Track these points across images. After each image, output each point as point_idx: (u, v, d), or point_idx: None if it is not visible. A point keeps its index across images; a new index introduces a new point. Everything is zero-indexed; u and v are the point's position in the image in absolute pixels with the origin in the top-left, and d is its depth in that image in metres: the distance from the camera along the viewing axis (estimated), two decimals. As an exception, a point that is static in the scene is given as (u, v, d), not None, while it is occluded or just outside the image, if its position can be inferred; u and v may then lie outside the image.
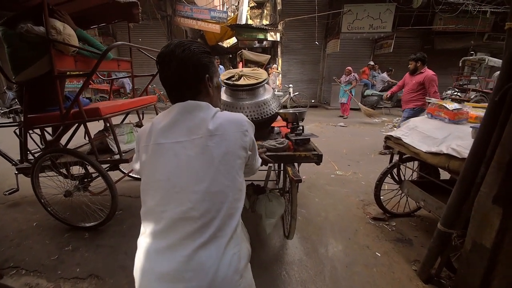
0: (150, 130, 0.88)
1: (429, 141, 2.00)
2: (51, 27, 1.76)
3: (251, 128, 0.95)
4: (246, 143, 0.91)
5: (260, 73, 2.26)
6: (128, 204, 2.83)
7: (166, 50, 0.87)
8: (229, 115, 0.92)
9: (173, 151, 0.83)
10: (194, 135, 0.84)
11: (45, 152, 2.12)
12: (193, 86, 0.90)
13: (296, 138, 1.90)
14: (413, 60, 4.18)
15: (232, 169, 0.85)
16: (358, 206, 2.73)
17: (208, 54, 0.92)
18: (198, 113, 0.87)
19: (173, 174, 0.82)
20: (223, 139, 0.84)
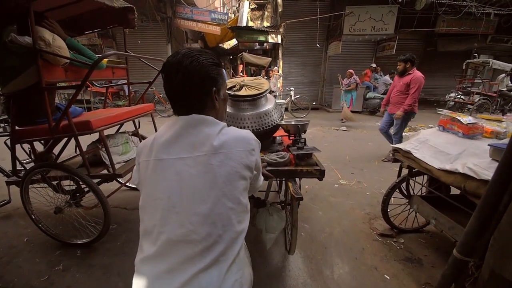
0: (152, 144, 0.84)
1: (441, 157, 1.88)
2: (39, 38, 1.64)
3: (258, 147, 0.91)
4: (252, 163, 0.87)
5: (262, 83, 2.19)
6: (124, 217, 2.71)
7: (173, 60, 0.82)
8: (236, 132, 0.87)
9: (175, 168, 0.79)
10: (198, 152, 0.80)
11: (33, 167, 2.00)
12: (199, 99, 0.85)
13: (298, 153, 1.82)
14: (402, 61, 4.08)
15: (236, 191, 0.81)
16: (364, 221, 2.61)
17: (217, 66, 0.87)
18: (203, 128, 0.83)
19: (174, 192, 0.78)
20: (227, 157, 0.80)
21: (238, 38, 9.90)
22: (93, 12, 2.40)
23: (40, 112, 1.91)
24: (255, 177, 0.97)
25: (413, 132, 6.47)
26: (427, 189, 2.32)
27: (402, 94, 4.14)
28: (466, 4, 8.91)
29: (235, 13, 12.02)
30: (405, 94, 4.09)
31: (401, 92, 4.13)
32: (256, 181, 1.02)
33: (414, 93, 3.93)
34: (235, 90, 2.04)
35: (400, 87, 4.15)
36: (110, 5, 2.13)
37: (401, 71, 4.13)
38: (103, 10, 2.32)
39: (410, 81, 3.96)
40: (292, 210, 1.98)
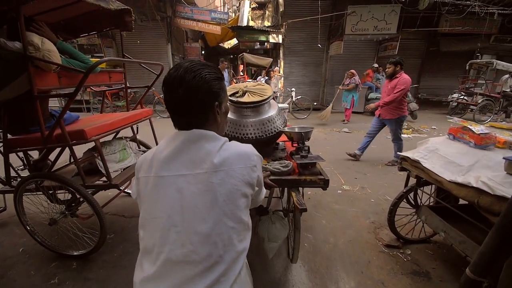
0: (152, 160, 0.83)
1: (452, 168, 1.80)
2: (28, 43, 1.55)
3: (259, 162, 0.90)
4: (253, 179, 0.85)
5: (265, 89, 2.14)
6: (121, 225, 2.63)
7: (175, 74, 0.79)
8: (237, 147, 0.86)
9: (175, 185, 0.78)
10: (198, 169, 0.79)
11: (26, 178, 1.92)
12: (201, 114, 0.84)
13: (301, 162, 1.76)
14: (392, 63, 4.01)
15: (237, 209, 0.80)
16: (369, 230, 2.53)
17: (220, 80, 0.86)
18: (203, 143, 0.82)
19: (174, 211, 0.77)
20: (228, 175, 0.79)
21: (239, 38, 9.80)
22: (89, 15, 2.32)
23: (33, 120, 1.83)
24: (257, 192, 0.95)
25: (416, 134, 6.38)
26: (434, 199, 2.24)
27: None
28: (469, 3, 8.80)
29: (236, 12, 11.91)
30: None
31: (388, 95, 4.06)
32: (258, 196, 1.01)
33: (396, 93, 3.85)
34: (238, 96, 2.00)
35: (388, 90, 4.08)
36: (106, 7, 2.05)
37: (390, 73, 4.05)
38: (99, 12, 2.23)
39: (397, 83, 3.90)
40: (295, 220, 1.93)
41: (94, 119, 2.31)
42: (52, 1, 1.98)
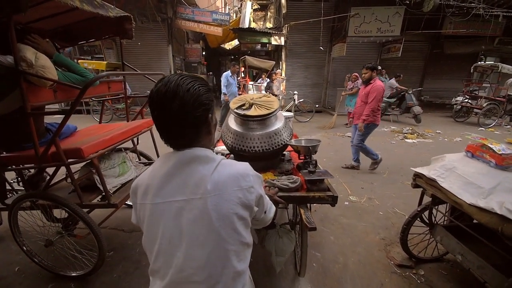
0: (147, 186, 0.82)
1: (472, 189, 1.69)
2: (21, 59, 1.44)
3: (257, 182, 0.88)
4: (250, 201, 0.83)
5: (272, 102, 2.08)
6: (121, 241, 2.53)
7: (166, 89, 0.75)
8: (231, 169, 0.83)
9: (171, 212, 0.78)
10: (193, 195, 0.78)
11: (20, 197, 1.82)
12: (194, 128, 0.82)
13: (310, 178, 1.70)
14: (369, 69, 3.88)
15: (235, 232, 0.79)
16: (379, 247, 2.42)
17: (210, 91, 0.84)
18: (197, 166, 0.80)
19: (174, 237, 0.78)
20: (223, 199, 0.78)
21: (241, 39, 9.69)
22: (88, 22, 2.21)
23: (28, 136, 1.72)
24: (259, 211, 0.93)
25: (421, 139, 6.28)
26: (449, 218, 2.13)
27: (364, 104, 3.96)
28: (474, 6, 8.68)
29: (237, 13, 11.79)
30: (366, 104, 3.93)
31: (364, 102, 3.96)
32: (262, 215, 0.98)
33: (371, 103, 3.77)
34: (245, 109, 1.95)
35: (362, 97, 3.99)
36: (105, 14, 1.94)
37: (366, 79, 3.94)
38: (98, 19, 2.12)
39: (370, 90, 3.81)
40: (302, 237, 1.87)
41: (92, 132, 2.20)
42: (48, 9, 1.87)
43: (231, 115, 2.11)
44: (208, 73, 13.73)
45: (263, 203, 0.93)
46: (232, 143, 1.93)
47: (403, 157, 5.12)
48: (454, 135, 6.98)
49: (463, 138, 6.61)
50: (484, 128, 7.78)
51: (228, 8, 13.91)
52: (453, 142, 6.29)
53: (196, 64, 11.80)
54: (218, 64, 17.93)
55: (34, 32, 2.25)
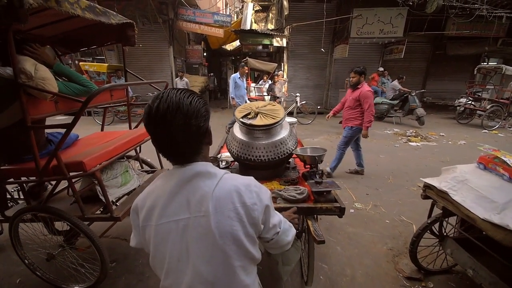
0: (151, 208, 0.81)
1: (485, 204, 1.64)
2: (20, 71, 1.40)
3: (264, 197, 0.85)
4: (255, 219, 0.81)
5: (277, 111, 2.06)
6: (123, 251, 2.48)
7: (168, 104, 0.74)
8: (232, 185, 0.81)
9: (178, 231, 0.78)
10: (196, 213, 0.77)
11: (20, 211, 1.77)
12: (196, 140, 0.81)
13: (317, 190, 1.67)
14: (357, 73, 3.82)
15: (240, 249, 0.79)
16: (387, 258, 2.37)
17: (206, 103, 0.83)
18: (198, 182, 0.80)
19: (182, 254, 0.78)
20: (224, 216, 0.77)
21: (242, 41, 9.63)
22: (89, 28, 2.16)
23: (28, 148, 1.67)
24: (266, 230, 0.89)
25: (425, 142, 6.21)
26: (458, 231, 2.07)
27: (351, 109, 3.92)
28: (477, 7, 8.61)
29: (238, 14, 11.74)
30: (354, 110, 3.88)
31: (351, 108, 3.91)
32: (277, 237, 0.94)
33: (369, 109, 3.72)
34: (250, 118, 1.94)
35: (350, 102, 3.93)
36: (107, 22, 1.90)
37: (354, 83, 3.88)
38: (100, 25, 2.08)
39: (358, 96, 3.76)
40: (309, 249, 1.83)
41: (94, 141, 2.15)
42: (48, 16, 1.83)
43: (236, 124, 2.08)
44: (209, 74, 13.69)
45: (269, 219, 0.89)
46: (237, 152, 1.92)
47: (408, 161, 5.06)
48: (458, 137, 6.92)
49: (467, 141, 6.55)
50: (487, 131, 7.71)
51: (229, 9, 13.86)
52: (457, 145, 6.22)
53: (197, 66, 11.76)
54: (219, 65, 17.88)
55: (34, 39, 2.22)
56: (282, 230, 0.96)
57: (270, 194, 0.92)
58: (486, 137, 7.15)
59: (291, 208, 1.45)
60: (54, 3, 1.41)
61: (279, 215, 0.97)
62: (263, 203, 0.83)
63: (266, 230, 0.90)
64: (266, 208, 0.85)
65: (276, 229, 0.93)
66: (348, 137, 4.06)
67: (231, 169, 2.14)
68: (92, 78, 9.03)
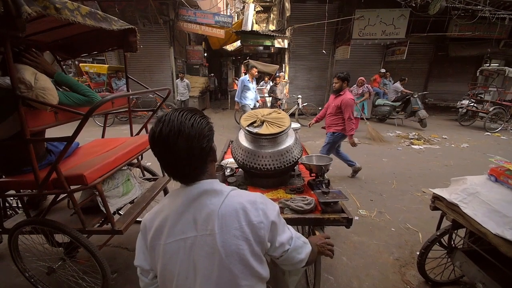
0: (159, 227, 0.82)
1: (497, 218, 1.59)
2: (19, 81, 1.35)
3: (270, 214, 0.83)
4: (262, 237, 0.80)
5: (283, 119, 2.03)
6: (125, 261, 2.43)
7: (170, 127, 0.75)
8: (238, 203, 0.81)
9: (185, 249, 0.78)
10: (202, 231, 0.78)
11: (19, 224, 1.72)
12: (201, 161, 0.82)
13: (324, 201, 1.64)
14: (340, 79, 3.77)
15: (246, 268, 0.78)
16: (394, 269, 2.32)
17: (209, 121, 0.85)
18: (205, 201, 0.80)
19: (189, 273, 0.78)
20: (230, 235, 0.77)
21: (243, 42, 9.58)
22: (90, 34, 2.12)
23: (27, 160, 1.63)
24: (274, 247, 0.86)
25: (428, 145, 6.16)
26: (467, 243, 2.03)
27: (333, 115, 3.89)
28: (480, 8, 8.55)
29: (239, 15, 11.68)
30: (336, 116, 3.86)
31: (332, 114, 3.88)
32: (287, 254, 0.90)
33: (350, 118, 3.68)
34: (256, 126, 1.92)
35: (332, 108, 3.89)
36: (109, 28, 1.84)
37: (337, 89, 3.83)
38: (101, 31, 2.03)
39: (340, 104, 3.72)
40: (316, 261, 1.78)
41: (95, 150, 2.10)
42: (48, 23, 1.78)
43: (241, 131, 2.04)
44: (210, 75, 13.63)
45: (276, 236, 0.86)
46: (242, 160, 1.90)
47: (411, 165, 5.02)
48: (461, 140, 6.87)
49: (470, 144, 6.51)
50: (490, 133, 7.66)
51: (230, 9, 13.79)
52: (460, 149, 6.17)
53: (197, 66, 11.70)
54: (220, 65, 17.82)
55: (33, 44, 2.17)
56: (293, 247, 0.92)
57: (278, 210, 0.89)
58: (489, 139, 7.11)
59: (324, 234, 1.38)
60: (54, 11, 1.36)
61: (290, 232, 0.93)
62: (269, 220, 0.82)
63: (273, 249, 0.87)
64: (273, 225, 0.83)
65: (285, 247, 0.89)
66: (330, 143, 4.02)
67: (236, 176, 2.11)
68: (93, 79, 9.00)
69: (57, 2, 1.38)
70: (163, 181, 2.53)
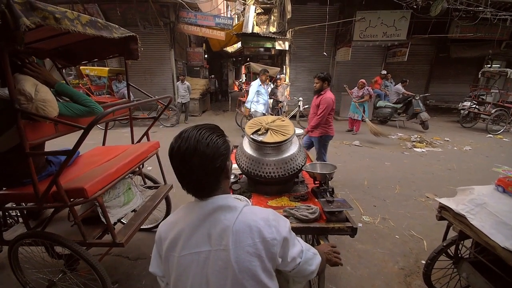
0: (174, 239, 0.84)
1: (506, 230, 1.55)
2: (19, 92, 1.32)
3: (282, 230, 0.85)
4: (273, 254, 0.82)
5: (287, 127, 2.01)
6: (125, 270, 2.40)
7: (186, 146, 0.79)
8: (252, 220, 0.83)
9: (199, 262, 0.81)
10: (217, 246, 0.80)
11: (19, 237, 1.69)
12: (214, 177, 0.85)
13: (329, 210, 1.63)
14: (320, 79, 3.69)
15: (258, 284, 0.80)
16: (399, 279, 2.29)
17: (226, 140, 0.87)
18: (219, 216, 0.83)
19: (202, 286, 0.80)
20: (244, 251, 0.78)
21: (244, 44, 9.56)
22: (91, 41, 2.09)
23: (27, 172, 1.60)
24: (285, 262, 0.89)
25: (430, 148, 6.11)
26: (473, 254, 1.99)
27: (314, 115, 3.81)
28: (481, 9, 8.51)
29: (240, 17, 11.66)
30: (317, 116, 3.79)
31: (315, 114, 3.80)
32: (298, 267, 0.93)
33: (320, 114, 3.60)
34: (260, 134, 1.92)
35: (313, 108, 3.83)
36: (109, 36, 1.82)
37: (317, 89, 3.76)
38: (102, 39, 2.00)
39: (319, 102, 3.66)
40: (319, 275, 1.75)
41: (96, 159, 2.07)
42: (47, 31, 1.75)
43: (245, 138, 2.03)
44: (210, 76, 13.60)
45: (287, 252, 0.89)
46: (247, 168, 1.89)
47: (414, 169, 4.98)
48: (463, 143, 6.83)
49: (473, 147, 6.47)
50: (492, 135, 7.63)
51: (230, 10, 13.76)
52: (462, 151, 6.13)
53: (198, 68, 11.69)
54: (220, 67, 17.80)
55: (33, 52, 2.15)
56: (304, 260, 0.95)
57: (290, 225, 0.92)
58: (491, 142, 7.07)
59: (331, 243, 1.39)
60: (53, 21, 1.34)
61: (300, 244, 0.96)
62: (281, 236, 0.84)
63: (285, 264, 0.90)
64: (285, 241, 0.85)
65: (296, 261, 0.92)
66: (319, 148, 3.93)
67: (240, 183, 2.10)
68: (93, 82, 8.98)
69: (56, 12, 1.35)
70: (165, 189, 2.50)
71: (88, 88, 8.63)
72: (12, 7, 1.11)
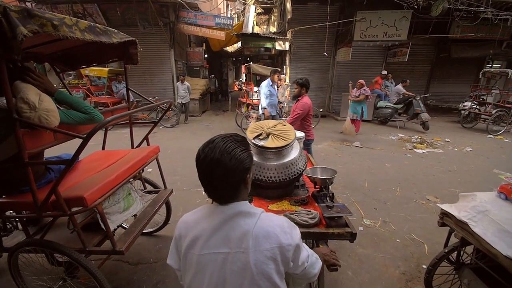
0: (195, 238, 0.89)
1: (508, 238, 1.54)
2: (22, 101, 1.31)
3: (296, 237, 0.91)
4: (287, 258, 0.88)
5: (288, 131, 2.00)
6: (126, 276, 2.39)
7: (212, 156, 0.85)
8: (268, 226, 0.89)
9: (217, 262, 0.85)
10: (236, 248, 0.85)
11: (18, 245, 1.68)
12: (234, 188, 0.91)
13: (329, 215, 1.63)
14: (299, 84, 3.69)
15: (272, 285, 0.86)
16: (400, 284, 2.28)
17: (250, 153, 0.93)
18: (240, 221, 0.88)
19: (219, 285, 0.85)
20: (262, 255, 0.84)
21: (244, 44, 9.52)
22: (90, 46, 2.06)
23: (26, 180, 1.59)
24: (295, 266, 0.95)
25: (431, 149, 6.10)
26: (475, 261, 1.98)
27: None
28: (482, 10, 8.48)
29: (240, 16, 11.62)
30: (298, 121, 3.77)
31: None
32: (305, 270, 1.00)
33: (294, 116, 3.59)
34: (262, 138, 1.94)
35: (292, 112, 3.80)
36: (109, 41, 1.80)
37: (296, 94, 3.76)
38: (101, 43, 1.99)
39: (296, 106, 3.66)
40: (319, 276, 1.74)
41: (96, 165, 2.05)
42: (46, 36, 1.73)
43: None
44: (210, 76, 13.57)
45: (298, 257, 0.95)
46: None
47: (414, 170, 4.97)
48: (464, 143, 6.82)
49: (473, 148, 6.46)
50: (493, 136, 7.61)
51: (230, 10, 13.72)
52: (463, 152, 6.12)
53: (198, 68, 11.65)
54: (220, 67, 17.76)
55: (32, 56, 2.13)
56: (309, 264, 1.02)
57: (300, 233, 0.97)
58: (492, 142, 7.06)
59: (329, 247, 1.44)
60: (51, 28, 1.32)
61: (306, 250, 1.02)
62: (295, 243, 0.90)
63: (295, 267, 0.96)
64: (297, 247, 0.91)
65: (304, 265, 0.99)
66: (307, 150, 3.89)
67: None
68: (93, 82, 8.96)
69: (54, 19, 1.34)
70: (165, 194, 2.49)
71: (88, 88, 8.62)
72: (9, 15, 1.09)
